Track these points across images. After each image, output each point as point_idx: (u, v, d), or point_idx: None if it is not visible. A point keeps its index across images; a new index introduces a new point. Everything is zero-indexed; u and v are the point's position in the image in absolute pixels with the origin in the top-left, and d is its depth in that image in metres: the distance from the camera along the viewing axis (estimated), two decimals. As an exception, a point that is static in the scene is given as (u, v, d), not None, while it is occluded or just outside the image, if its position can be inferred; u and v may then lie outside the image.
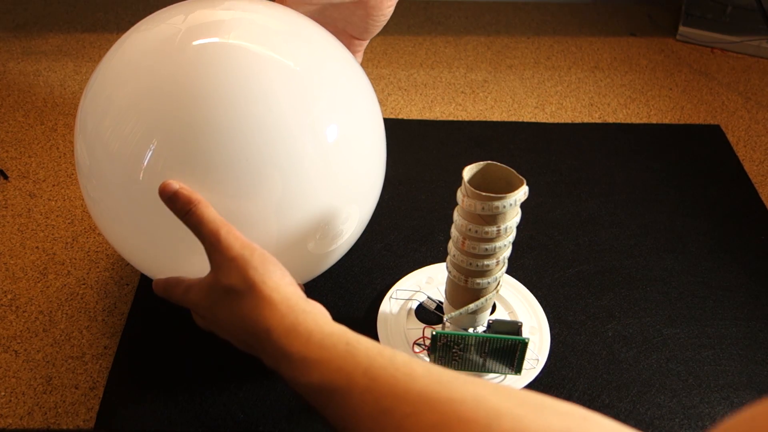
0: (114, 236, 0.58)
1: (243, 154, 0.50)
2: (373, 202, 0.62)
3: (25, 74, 1.01)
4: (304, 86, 0.53)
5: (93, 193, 0.56)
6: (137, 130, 0.51)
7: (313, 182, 0.53)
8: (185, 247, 0.53)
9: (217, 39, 0.52)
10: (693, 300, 0.69)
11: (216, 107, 0.50)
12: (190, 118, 0.50)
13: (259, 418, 0.59)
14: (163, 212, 0.50)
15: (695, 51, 1.11)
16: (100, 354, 0.64)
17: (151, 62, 0.52)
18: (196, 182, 0.50)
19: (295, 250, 0.55)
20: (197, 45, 0.52)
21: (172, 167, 0.50)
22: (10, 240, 0.75)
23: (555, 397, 0.39)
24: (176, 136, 0.50)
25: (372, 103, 0.59)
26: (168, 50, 0.52)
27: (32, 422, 0.59)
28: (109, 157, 0.53)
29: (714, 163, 0.87)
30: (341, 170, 0.55)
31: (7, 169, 0.84)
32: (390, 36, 1.12)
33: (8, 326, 0.66)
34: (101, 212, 0.57)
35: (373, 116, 0.59)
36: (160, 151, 0.50)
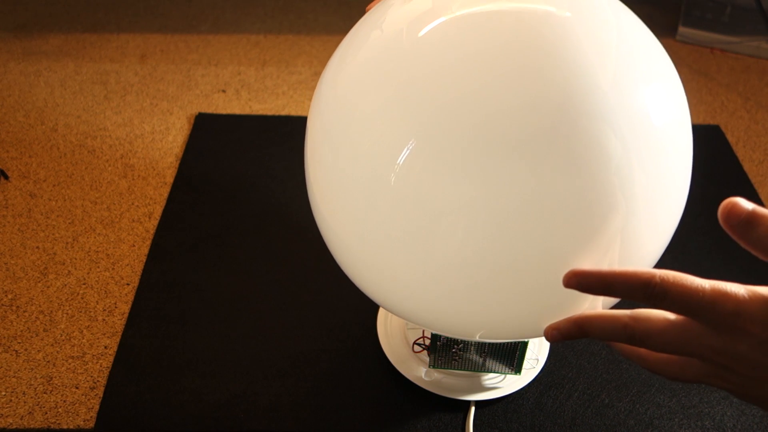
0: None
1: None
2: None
3: (26, 74, 1.01)
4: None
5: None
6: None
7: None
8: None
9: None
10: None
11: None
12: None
13: (259, 418, 0.59)
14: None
15: (695, 51, 1.11)
16: (100, 354, 0.64)
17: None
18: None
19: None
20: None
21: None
22: (10, 240, 0.75)
23: (554, 397, 0.37)
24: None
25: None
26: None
27: (32, 422, 0.59)
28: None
29: (714, 164, 0.87)
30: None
31: (8, 169, 0.84)
32: (390, 36, 1.12)
33: (9, 326, 0.66)
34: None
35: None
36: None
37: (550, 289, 0.44)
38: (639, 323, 0.41)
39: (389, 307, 0.51)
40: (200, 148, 0.88)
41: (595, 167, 0.41)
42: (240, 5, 1.20)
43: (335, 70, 0.48)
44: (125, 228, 0.77)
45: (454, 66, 0.42)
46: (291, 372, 0.63)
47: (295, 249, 0.74)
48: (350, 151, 0.45)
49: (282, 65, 1.05)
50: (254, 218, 0.78)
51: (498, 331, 0.50)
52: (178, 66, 1.04)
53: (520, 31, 0.42)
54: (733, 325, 0.38)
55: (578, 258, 0.43)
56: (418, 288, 0.47)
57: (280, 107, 0.96)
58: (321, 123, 0.48)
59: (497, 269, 0.44)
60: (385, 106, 0.44)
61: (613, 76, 0.42)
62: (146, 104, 0.96)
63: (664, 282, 0.39)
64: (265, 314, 0.68)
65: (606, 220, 0.43)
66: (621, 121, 0.42)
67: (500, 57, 0.42)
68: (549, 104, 0.41)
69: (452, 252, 0.44)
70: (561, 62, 0.41)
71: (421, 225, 0.43)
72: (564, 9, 0.43)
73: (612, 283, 0.40)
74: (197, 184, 0.82)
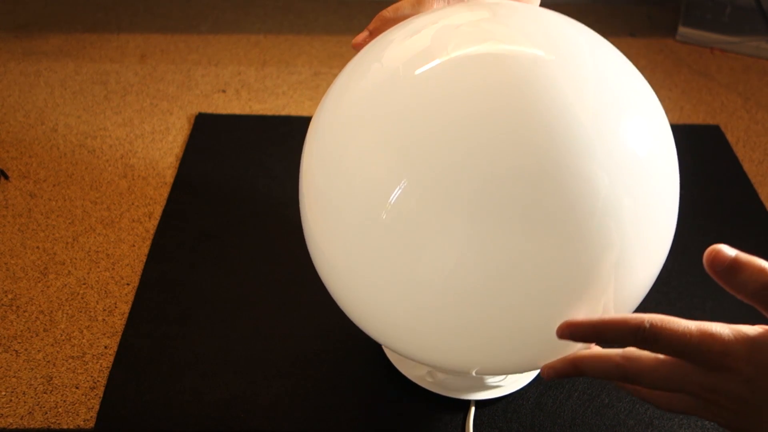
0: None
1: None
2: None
3: (26, 74, 1.01)
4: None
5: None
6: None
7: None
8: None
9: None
10: (693, 300, 0.70)
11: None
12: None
13: (259, 418, 0.59)
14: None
15: (695, 51, 1.11)
16: (100, 354, 0.64)
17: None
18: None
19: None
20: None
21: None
22: (10, 240, 0.75)
23: (554, 397, 0.39)
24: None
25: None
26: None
27: (32, 422, 0.59)
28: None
29: (713, 164, 0.87)
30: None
31: (8, 169, 0.84)
32: (390, 36, 1.12)
33: (9, 326, 0.66)
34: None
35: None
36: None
37: (546, 327, 0.45)
38: (631, 362, 0.43)
39: (386, 343, 0.52)
40: (200, 148, 0.88)
41: (582, 201, 0.42)
42: (240, 5, 1.20)
43: (331, 111, 0.49)
44: (125, 228, 0.77)
45: (445, 108, 0.43)
46: (291, 372, 0.63)
47: (295, 249, 0.74)
48: (344, 186, 0.46)
49: (282, 65, 1.05)
50: (254, 218, 0.78)
51: (492, 368, 0.51)
52: (178, 66, 1.04)
53: (511, 75, 0.44)
54: (720, 364, 0.40)
55: (574, 294, 0.44)
56: (412, 325, 0.47)
57: (280, 107, 0.96)
58: (316, 159, 0.49)
59: (489, 309, 0.45)
60: (377, 146, 0.45)
61: (594, 113, 0.43)
62: (146, 104, 0.96)
63: (653, 327, 0.41)
64: (265, 314, 0.68)
65: (599, 257, 0.44)
66: (604, 154, 0.43)
67: (489, 100, 0.43)
68: (535, 144, 0.42)
69: (443, 291, 0.44)
70: (546, 104, 0.43)
71: (412, 263, 0.44)
72: (551, 53, 0.45)
73: (603, 332, 0.43)
74: (197, 184, 0.82)
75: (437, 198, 0.43)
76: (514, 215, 0.42)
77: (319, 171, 0.49)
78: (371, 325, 0.51)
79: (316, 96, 0.98)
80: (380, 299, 0.47)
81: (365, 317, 0.51)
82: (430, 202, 0.43)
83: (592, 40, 0.49)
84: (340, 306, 0.53)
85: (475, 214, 0.42)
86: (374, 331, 0.51)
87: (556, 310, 0.45)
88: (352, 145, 0.46)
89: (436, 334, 0.47)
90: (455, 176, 0.42)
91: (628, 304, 0.49)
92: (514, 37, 0.46)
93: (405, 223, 0.43)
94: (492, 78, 0.44)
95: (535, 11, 0.50)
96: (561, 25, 0.49)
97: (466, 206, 0.42)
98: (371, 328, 0.51)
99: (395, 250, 0.44)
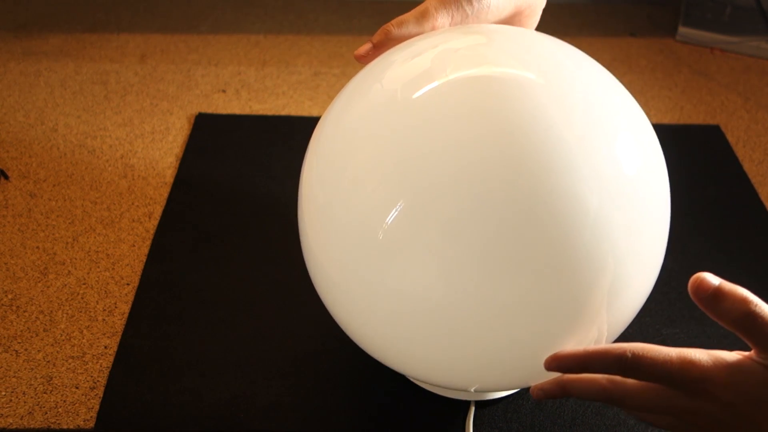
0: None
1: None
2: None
3: (26, 74, 1.01)
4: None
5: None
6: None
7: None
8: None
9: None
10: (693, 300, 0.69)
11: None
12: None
13: (259, 418, 0.59)
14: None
15: (695, 51, 1.11)
16: (100, 354, 0.64)
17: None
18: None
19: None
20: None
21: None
22: (10, 240, 0.75)
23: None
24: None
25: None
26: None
27: (32, 422, 0.59)
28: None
29: (713, 164, 0.88)
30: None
31: (8, 169, 0.84)
32: (390, 36, 1.12)
33: (9, 326, 0.66)
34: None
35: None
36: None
37: (540, 348, 0.47)
38: (616, 386, 0.46)
39: (383, 360, 0.53)
40: (200, 148, 0.88)
41: (572, 219, 0.43)
42: (240, 5, 1.20)
43: (331, 129, 0.51)
44: (125, 228, 0.77)
45: (439, 133, 0.45)
46: (291, 372, 0.63)
47: (295, 249, 0.74)
48: (343, 204, 0.47)
49: (282, 65, 1.05)
50: (254, 218, 0.78)
51: (484, 387, 0.54)
52: (178, 66, 1.04)
53: (504, 100, 0.45)
54: (700, 389, 0.43)
55: (568, 310, 0.45)
56: (405, 344, 0.49)
57: (280, 107, 0.96)
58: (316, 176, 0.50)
59: (482, 332, 0.46)
60: (375, 167, 0.46)
61: (582, 134, 0.45)
62: (146, 104, 0.96)
63: (635, 356, 0.43)
64: (265, 314, 0.68)
65: (594, 278, 0.45)
66: (592, 174, 0.44)
67: (482, 123, 0.44)
68: (527, 167, 0.43)
69: (435, 312, 0.45)
70: (533, 126, 0.44)
71: (405, 282, 0.45)
72: (541, 76, 0.47)
73: (588, 363, 0.45)
74: (197, 184, 0.82)
75: (431, 219, 0.44)
76: (509, 238, 0.43)
77: (319, 189, 0.50)
78: (368, 342, 0.52)
79: (316, 96, 0.98)
80: (376, 317, 0.48)
81: (362, 334, 0.52)
82: (424, 224, 0.44)
83: (582, 63, 0.51)
84: (337, 321, 0.54)
85: (469, 236, 0.43)
86: (372, 347, 0.53)
87: (551, 329, 0.46)
88: (351, 166, 0.47)
89: (429, 355, 0.48)
90: (450, 198, 0.43)
91: (622, 319, 0.50)
92: (508, 62, 0.48)
93: (400, 243, 0.45)
94: (485, 102, 0.45)
95: (529, 36, 0.52)
96: (553, 49, 0.50)
97: (460, 228, 0.43)
98: (369, 344, 0.52)
99: (390, 269, 0.45)
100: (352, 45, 1.10)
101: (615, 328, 0.50)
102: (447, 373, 0.50)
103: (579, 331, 0.46)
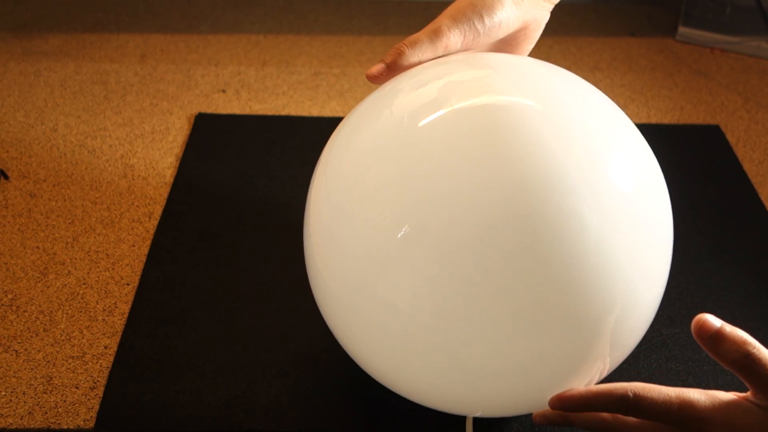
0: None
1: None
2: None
3: (26, 74, 1.01)
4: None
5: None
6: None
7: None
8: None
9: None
10: (693, 300, 0.70)
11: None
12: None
13: (259, 418, 0.59)
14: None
15: (695, 51, 1.11)
16: (100, 354, 0.64)
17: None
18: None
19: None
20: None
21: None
22: (10, 240, 0.75)
23: None
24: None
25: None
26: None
27: (32, 422, 0.59)
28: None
29: (713, 164, 0.87)
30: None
31: (8, 169, 0.84)
32: (390, 36, 1.12)
33: (8, 326, 0.66)
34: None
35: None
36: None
37: (547, 374, 0.47)
38: (617, 420, 0.48)
39: (387, 383, 0.54)
40: (200, 148, 0.88)
41: (575, 242, 0.44)
42: (240, 5, 1.20)
43: (338, 155, 0.51)
44: (125, 228, 0.77)
45: (443, 160, 0.45)
46: (291, 372, 0.63)
47: (295, 249, 0.74)
48: (350, 225, 0.48)
49: (282, 65, 1.05)
50: (254, 218, 0.78)
51: (485, 412, 0.54)
52: (178, 66, 1.04)
53: (505, 126, 0.46)
54: (697, 428, 0.45)
55: (574, 332, 0.46)
56: (408, 369, 0.49)
57: (280, 107, 0.96)
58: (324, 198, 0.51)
59: (489, 357, 0.46)
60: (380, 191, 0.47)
61: (579, 158, 0.45)
62: (146, 104, 0.96)
63: (636, 396, 0.46)
64: (265, 314, 0.68)
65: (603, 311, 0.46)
66: (592, 196, 0.45)
67: (485, 150, 0.45)
68: (529, 192, 0.44)
69: (440, 336, 0.46)
70: (531, 152, 0.45)
71: (409, 306, 0.46)
72: (540, 104, 0.47)
73: (592, 403, 0.47)
74: (197, 184, 0.82)
75: (437, 244, 0.44)
76: (515, 262, 0.44)
77: (326, 210, 0.50)
78: (373, 367, 0.53)
79: (316, 96, 0.98)
80: (382, 343, 0.49)
81: (367, 358, 0.53)
82: (429, 248, 0.45)
83: (581, 88, 0.52)
84: (339, 341, 0.55)
85: (474, 261, 0.44)
86: (377, 373, 0.53)
87: (556, 353, 0.46)
88: (358, 189, 0.48)
89: (430, 380, 0.49)
90: (454, 223, 0.44)
91: (630, 340, 0.51)
92: (509, 90, 0.48)
93: (405, 266, 0.45)
94: (489, 129, 0.46)
95: (526, 63, 0.52)
96: (550, 76, 0.51)
97: (465, 254, 0.44)
98: (374, 370, 0.53)
99: (394, 292, 0.46)
100: (352, 45, 1.10)
101: (622, 351, 0.51)
102: (448, 398, 0.51)
103: (586, 364, 0.47)
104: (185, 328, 0.66)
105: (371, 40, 1.11)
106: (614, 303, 0.46)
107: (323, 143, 0.55)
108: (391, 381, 0.53)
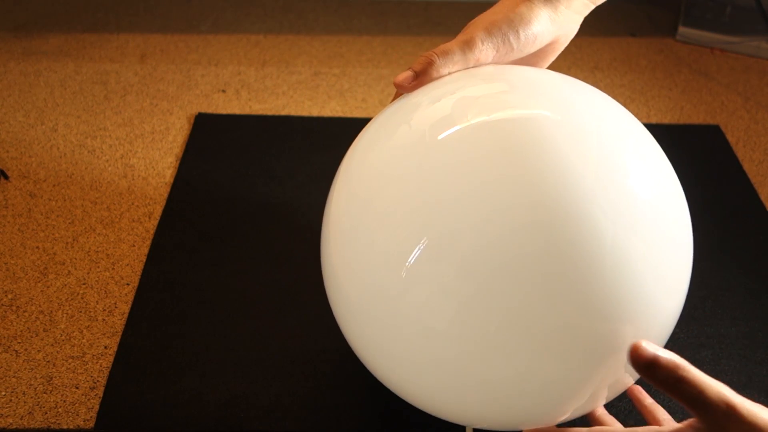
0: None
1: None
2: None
3: (26, 74, 1.01)
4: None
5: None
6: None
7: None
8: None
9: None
10: (692, 300, 0.69)
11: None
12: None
13: (259, 418, 0.59)
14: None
15: (695, 51, 1.11)
16: (100, 354, 0.64)
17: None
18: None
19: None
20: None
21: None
22: (10, 240, 0.75)
23: None
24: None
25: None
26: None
27: (32, 422, 0.59)
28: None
29: (713, 163, 0.88)
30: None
31: (8, 169, 0.84)
32: (390, 36, 1.12)
33: (8, 326, 0.66)
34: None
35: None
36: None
37: (563, 380, 0.47)
38: None
39: (394, 389, 0.53)
40: (200, 148, 0.88)
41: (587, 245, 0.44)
42: (240, 5, 1.20)
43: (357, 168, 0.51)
44: (125, 228, 0.77)
45: (463, 173, 0.45)
46: (291, 372, 0.63)
47: (295, 249, 0.74)
48: (367, 239, 0.48)
49: (282, 65, 1.05)
50: (254, 218, 0.78)
51: (483, 424, 0.53)
52: (178, 66, 1.04)
53: (526, 140, 0.46)
54: None
55: (593, 347, 0.46)
56: (421, 378, 0.49)
57: (280, 107, 0.96)
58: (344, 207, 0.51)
59: (498, 369, 0.46)
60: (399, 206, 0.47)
61: (599, 171, 0.45)
62: (146, 104, 0.96)
63: None
64: (265, 314, 0.68)
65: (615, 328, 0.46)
66: (609, 205, 0.45)
67: (504, 164, 0.45)
68: (545, 211, 0.44)
69: (453, 349, 0.46)
70: (551, 165, 0.44)
71: (427, 319, 0.46)
72: (557, 114, 0.47)
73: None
74: (197, 184, 0.82)
75: (454, 259, 0.44)
76: (532, 278, 0.43)
77: (346, 220, 0.50)
78: (387, 378, 0.53)
79: (316, 96, 0.98)
80: (399, 355, 0.49)
81: (382, 369, 0.52)
82: (447, 262, 0.44)
83: (598, 99, 0.52)
84: (354, 350, 0.55)
85: (491, 276, 0.44)
86: (390, 383, 0.53)
87: (576, 368, 0.46)
88: (376, 203, 0.48)
89: (442, 389, 0.49)
90: (472, 238, 0.44)
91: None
92: (527, 103, 0.48)
93: (423, 280, 0.45)
94: (507, 143, 0.45)
95: (542, 75, 0.52)
96: (568, 89, 0.51)
97: (482, 269, 0.44)
98: (387, 380, 0.53)
99: (411, 305, 0.46)
100: (352, 45, 1.10)
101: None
102: (457, 410, 0.51)
103: (603, 370, 0.47)
104: (185, 328, 0.66)
105: (371, 40, 1.11)
106: (631, 311, 0.46)
107: (323, 143, 0.55)
108: (401, 388, 0.52)
